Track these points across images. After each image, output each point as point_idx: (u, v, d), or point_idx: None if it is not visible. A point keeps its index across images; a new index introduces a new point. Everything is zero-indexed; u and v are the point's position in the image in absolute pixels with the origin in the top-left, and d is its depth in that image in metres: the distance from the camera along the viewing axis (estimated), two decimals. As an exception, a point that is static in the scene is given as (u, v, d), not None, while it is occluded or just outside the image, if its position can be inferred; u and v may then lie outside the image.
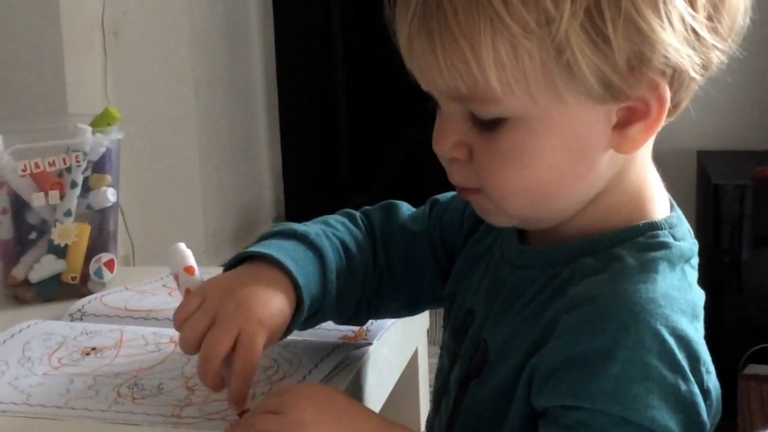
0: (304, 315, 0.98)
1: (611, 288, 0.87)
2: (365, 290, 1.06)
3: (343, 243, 1.04)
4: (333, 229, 1.05)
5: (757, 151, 2.62)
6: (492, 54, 0.86)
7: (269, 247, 0.99)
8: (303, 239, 1.02)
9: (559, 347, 0.86)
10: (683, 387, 0.85)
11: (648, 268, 0.89)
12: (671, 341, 0.85)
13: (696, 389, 0.86)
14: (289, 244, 1.01)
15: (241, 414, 0.90)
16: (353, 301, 1.05)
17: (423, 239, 1.09)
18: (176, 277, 1.00)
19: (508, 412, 0.91)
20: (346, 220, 1.08)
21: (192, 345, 0.94)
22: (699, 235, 0.97)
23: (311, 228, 1.03)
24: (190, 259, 1.00)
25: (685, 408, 0.85)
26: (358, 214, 1.09)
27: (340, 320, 1.08)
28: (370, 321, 1.11)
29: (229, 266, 1.00)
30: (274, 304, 0.96)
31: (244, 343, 0.92)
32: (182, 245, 1.00)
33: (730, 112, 2.60)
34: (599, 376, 0.83)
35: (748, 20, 0.94)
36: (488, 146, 0.90)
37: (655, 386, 0.83)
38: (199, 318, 0.94)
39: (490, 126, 0.89)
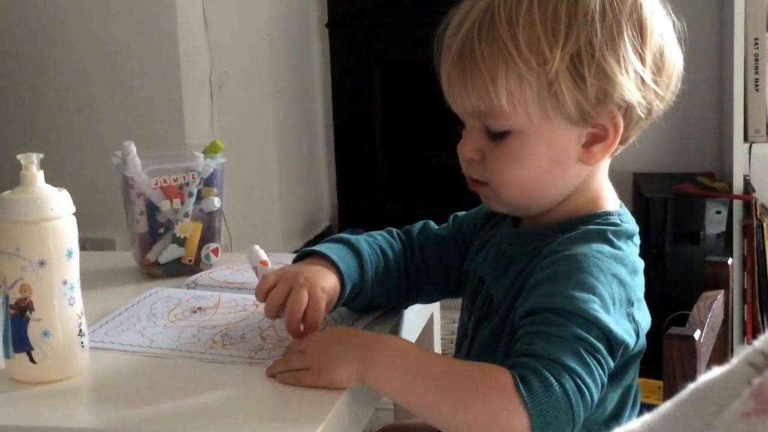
0: (347, 293, 0.99)
1: (572, 245, 0.88)
2: (401, 281, 1.05)
3: (380, 247, 1.04)
4: (373, 239, 1.05)
5: (676, 173, 2.60)
6: (504, 83, 0.88)
7: (322, 248, 1.00)
8: (346, 243, 1.02)
9: (532, 281, 0.88)
10: (611, 309, 0.85)
11: (600, 236, 0.90)
12: (611, 278, 0.86)
13: (623, 315, 0.86)
14: (336, 246, 1.01)
15: None
16: (392, 289, 1.04)
17: (449, 240, 1.08)
18: (255, 270, 1.01)
19: (502, 337, 0.92)
20: (385, 234, 1.07)
21: (274, 310, 0.96)
22: (635, 234, 0.97)
23: (354, 237, 1.04)
24: (264, 255, 1.01)
25: (612, 322, 0.85)
26: (395, 229, 1.09)
27: (387, 304, 1.06)
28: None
29: (296, 260, 1.02)
30: (329, 280, 0.97)
31: (312, 300, 0.94)
32: (257, 246, 1.01)
33: (658, 146, 2.59)
34: (559, 288, 0.84)
35: (680, 85, 0.94)
36: (496, 151, 0.91)
37: (596, 298, 0.84)
38: (279, 291, 0.95)
39: (498, 137, 0.91)
